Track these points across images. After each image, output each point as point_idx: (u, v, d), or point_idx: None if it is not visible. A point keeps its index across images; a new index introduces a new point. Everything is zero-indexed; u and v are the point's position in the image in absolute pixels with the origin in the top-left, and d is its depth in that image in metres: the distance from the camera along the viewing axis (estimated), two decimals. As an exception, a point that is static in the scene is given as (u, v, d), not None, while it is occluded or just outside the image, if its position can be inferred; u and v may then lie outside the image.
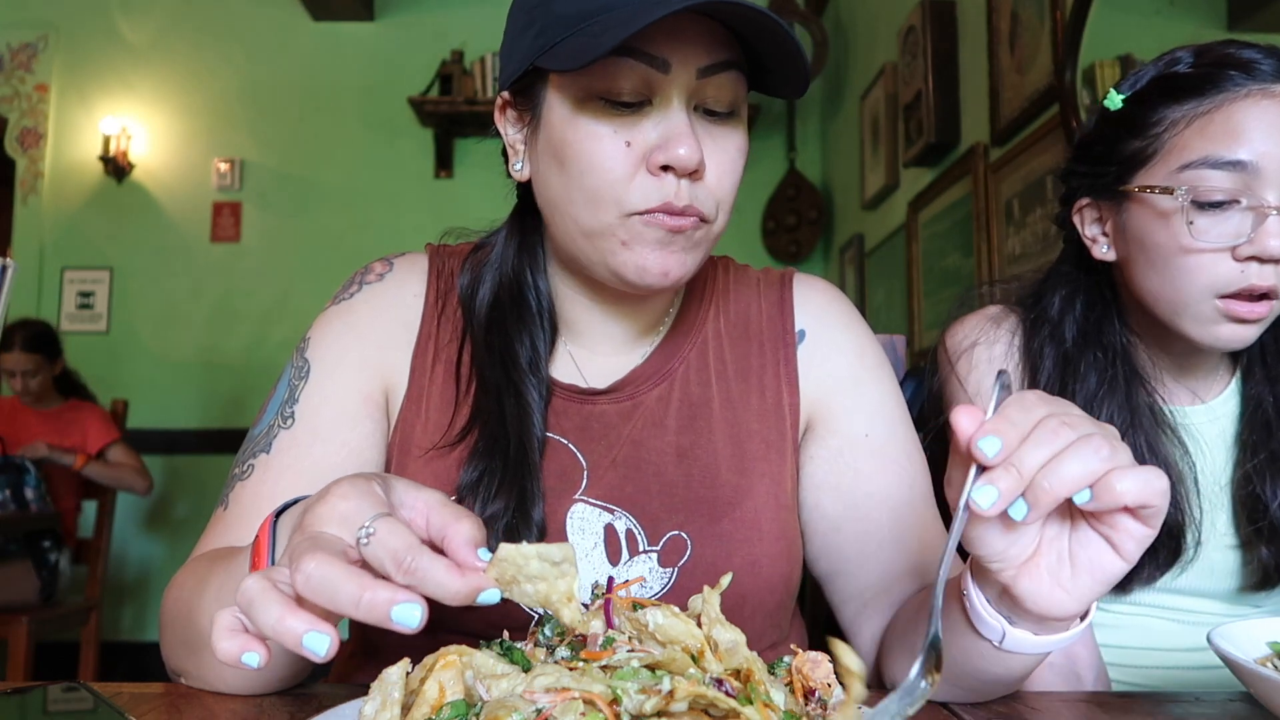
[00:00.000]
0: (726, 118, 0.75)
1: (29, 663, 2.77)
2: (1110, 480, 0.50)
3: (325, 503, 0.50)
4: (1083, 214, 1.00)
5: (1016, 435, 0.50)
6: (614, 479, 0.81)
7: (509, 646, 0.58)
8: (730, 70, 0.73)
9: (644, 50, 0.70)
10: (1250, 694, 0.64)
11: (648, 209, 0.72)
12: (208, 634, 0.59)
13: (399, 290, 0.87)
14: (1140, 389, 0.97)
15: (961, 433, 0.51)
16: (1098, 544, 0.54)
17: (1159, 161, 0.91)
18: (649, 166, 0.71)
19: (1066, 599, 0.55)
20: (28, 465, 3.03)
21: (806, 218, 4.20)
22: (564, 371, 0.85)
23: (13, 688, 0.62)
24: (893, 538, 0.82)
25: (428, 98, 4.19)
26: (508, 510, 0.75)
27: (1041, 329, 1.01)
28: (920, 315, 3.09)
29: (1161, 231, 0.90)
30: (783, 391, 0.86)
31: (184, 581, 0.70)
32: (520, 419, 0.79)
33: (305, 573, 0.44)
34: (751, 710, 0.44)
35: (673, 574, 0.78)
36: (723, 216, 0.76)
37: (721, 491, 0.81)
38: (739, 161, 0.76)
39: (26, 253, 4.24)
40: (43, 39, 4.36)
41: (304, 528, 0.49)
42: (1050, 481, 0.50)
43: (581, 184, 0.73)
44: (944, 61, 2.81)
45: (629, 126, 0.72)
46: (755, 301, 0.91)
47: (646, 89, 0.71)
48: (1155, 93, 0.93)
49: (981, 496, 0.50)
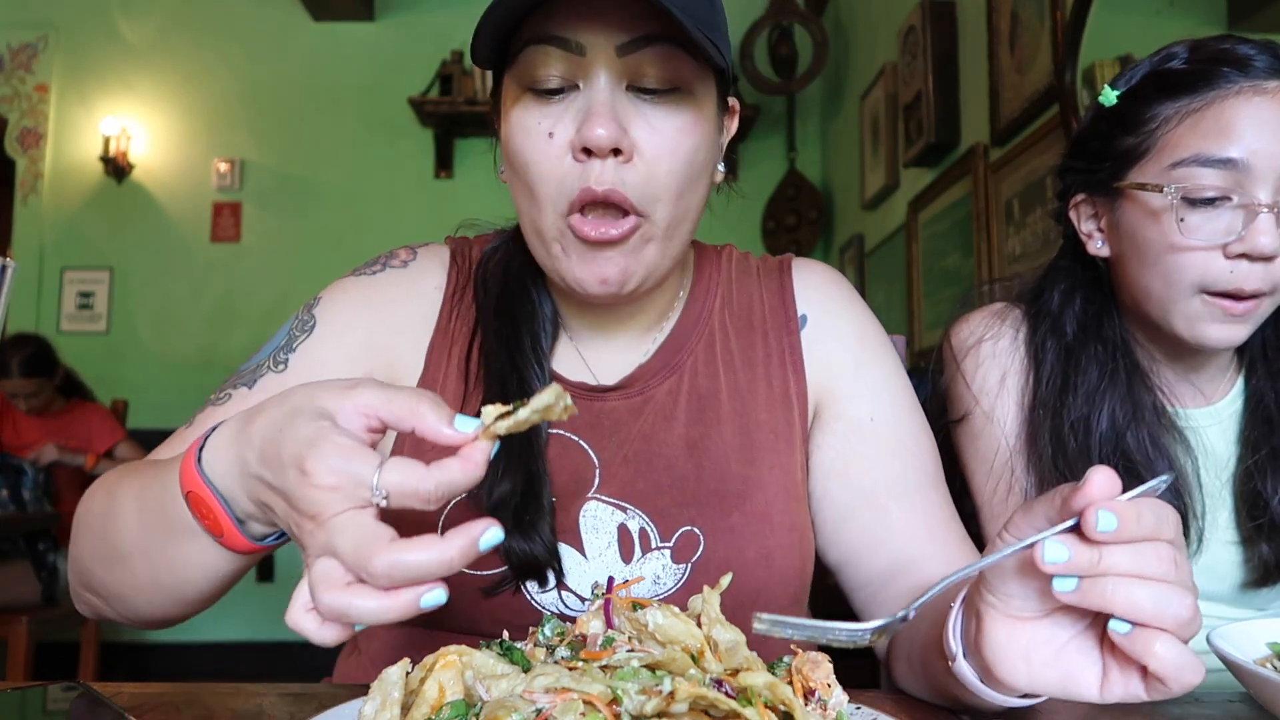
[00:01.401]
0: (664, 95, 0.71)
1: (29, 663, 2.77)
2: (1155, 635, 0.47)
3: (308, 488, 0.47)
4: (1078, 210, 1.00)
5: (1132, 532, 0.47)
6: (626, 475, 0.80)
7: (509, 646, 0.59)
8: (657, 44, 0.70)
9: (555, 34, 0.69)
10: (1250, 694, 0.64)
11: (570, 207, 0.71)
12: (126, 545, 0.62)
13: (421, 281, 0.87)
14: (1141, 384, 0.97)
15: (1089, 489, 0.47)
16: (1091, 665, 0.51)
17: (1151, 158, 0.90)
18: (573, 153, 0.70)
19: (1021, 674, 0.52)
20: (24, 466, 3.03)
21: (806, 218, 4.20)
22: (572, 369, 0.85)
23: (13, 688, 0.62)
24: (902, 524, 0.81)
25: (428, 98, 4.19)
26: (515, 493, 0.75)
27: (1042, 324, 1.01)
28: (920, 315, 3.09)
29: (1152, 228, 0.90)
30: (789, 379, 0.86)
31: (103, 490, 0.68)
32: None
33: (380, 573, 0.44)
34: (752, 711, 0.44)
35: (686, 570, 0.78)
36: (666, 205, 0.73)
37: (732, 484, 0.80)
38: (681, 142, 0.72)
39: (26, 253, 4.24)
40: (43, 39, 4.36)
41: (318, 522, 0.47)
42: (1116, 592, 0.47)
43: (524, 182, 0.73)
44: (944, 61, 2.81)
45: (553, 117, 0.71)
46: (757, 290, 0.90)
47: (569, 75, 0.70)
48: (1149, 89, 0.92)
49: (1053, 550, 0.47)
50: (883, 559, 0.81)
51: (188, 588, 0.63)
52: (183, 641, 4.08)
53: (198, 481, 0.56)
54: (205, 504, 0.56)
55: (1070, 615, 0.52)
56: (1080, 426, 0.95)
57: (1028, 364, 1.01)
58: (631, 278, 0.74)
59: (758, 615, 0.49)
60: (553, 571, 0.76)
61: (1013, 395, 1.00)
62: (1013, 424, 1.00)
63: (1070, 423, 0.95)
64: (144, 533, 0.62)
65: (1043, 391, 0.98)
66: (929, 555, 0.79)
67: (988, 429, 1.01)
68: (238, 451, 0.53)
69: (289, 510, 0.49)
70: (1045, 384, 0.98)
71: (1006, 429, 1.00)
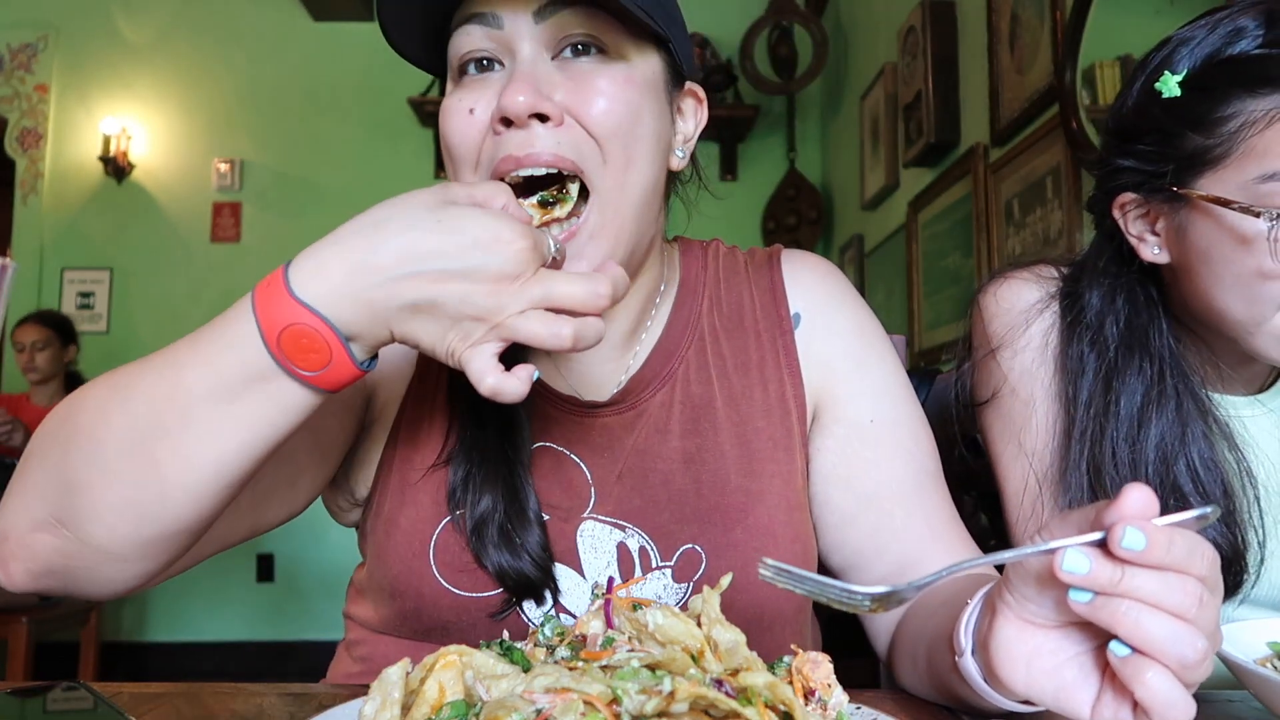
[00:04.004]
0: (589, 57, 0.70)
1: (29, 663, 2.77)
2: (1150, 665, 0.46)
3: (509, 254, 0.55)
4: (1126, 210, 0.88)
5: (1159, 558, 0.45)
6: (622, 493, 0.78)
7: (509, 646, 0.59)
8: (573, 6, 0.68)
9: (476, 11, 0.69)
10: (1250, 694, 0.64)
11: (492, 171, 0.69)
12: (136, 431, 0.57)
13: None
14: (1190, 400, 0.86)
15: (1122, 505, 0.46)
16: (1089, 684, 0.50)
17: (1231, 165, 0.78)
18: (494, 126, 0.69)
19: (1019, 677, 0.51)
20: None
21: (806, 218, 4.20)
22: (562, 384, 0.82)
23: (13, 688, 0.62)
24: (906, 526, 0.80)
25: (428, 98, 4.19)
26: (497, 508, 0.73)
27: (1081, 335, 0.89)
28: (920, 315, 3.08)
29: (1234, 247, 0.78)
30: (785, 383, 0.83)
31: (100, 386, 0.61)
32: (499, 416, 0.77)
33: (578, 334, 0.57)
34: (752, 711, 0.44)
35: (688, 589, 0.76)
36: (608, 169, 0.69)
37: (732, 498, 0.78)
38: (619, 96, 0.69)
39: (26, 253, 4.24)
40: (43, 39, 4.35)
41: (522, 282, 0.56)
42: (1128, 614, 0.46)
43: (452, 162, 0.72)
44: (944, 62, 2.81)
45: (474, 94, 0.70)
46: (746, 288, 0.87)
47: (493, 51, 0.70)
48: (1223, 79, 0.79)
49: (1073, 559, 0.46)
50: (887, 562, 0.80)
51: (203, 484, 0.58)
52: (183, 641, 4.08)
53: (300, 311, 0.54)
54: (309, 335, 0.55)
55: (1083, 632, 0.51)
56: (1124, 455, 0.85)
57: (1060, 337, 0.91)
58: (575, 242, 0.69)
59: (764, 560, 0.49)
60: (548, 590, 0.74)
61: (1049, 385, 0.91)
62: (1046, 416, 0.90)
63: (1113, 450, 0.86)
64: (175, 405, 0.57)
65: (1081, 416, 0.87)
66: (933, 556, 0.78)
67: (1021, 409, 0.92)
68: (358, 261, 0.55)
69: (470, 290, 0.55)
70: (1085, 406, 0.87)
71: (1039, 419, 0.91)
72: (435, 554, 0.75)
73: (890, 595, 0.50)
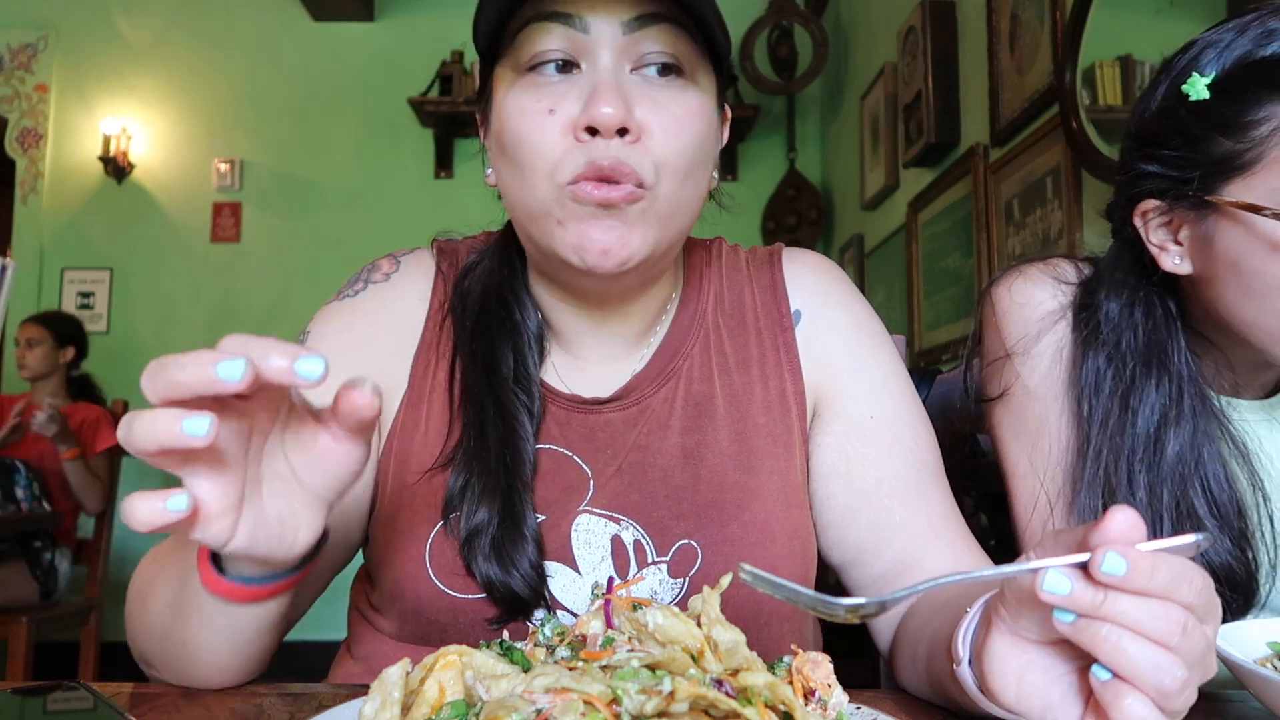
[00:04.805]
0: (670, 76, 0.70)
1: (29, 663, 2.77)
2: (1129, 690, 0.45)
3: None
4: (1147, 218, 0.84)
5: (1142, 584, 0.45)
6: (619, 486, 0.78)
7: (509, 646, 0.59)
8: (661, 23, 0.68)
9: (560, 11, 0.68)
10: (1250, 694, 0.64)
11: (575, 176, 0.68)
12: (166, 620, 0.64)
13: (404, 294, 0.85)
14: (1207, 418, 0.84)
15: (1106, 528, 0.45)
16: (1075, 705, 0.50)
17: (1261, 172, 0.75)
18: (575, 133, 0.68)
19: (1009, 691, 0.51)
20: (18, 465, 3.01)
21: (806, 218, 4.20)
22: (564, 382, 0.82)
23: (13, 688, 0.62)
24: (905, 522, 0.79)
25: (428, 98, 4.19)
26: (492, 522, 0.73)
27: (1096, 351, 0.86)
28: (920, 315, 3.09)
29: (1267, 260, 0.75)
30: (785, 380, 0.83)
31: (149, 559, 0.71)
32: (502, 427, 0.76)
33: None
34: (752, 711, 0.44)
35: (684, 584, 0.76)
36: (669, 183, 0.70)
37: (729, 493, 0.78)
38: (688, 124, 0.70)
39: (26, 253, 4.24)
40: (43, 39, 4.36)
41: None
42: (1108, 639, 0.45)
43: (516, 162, 0.71)
44: (944, 62, 2.81)
45: (554, 95, 0.69)
46: (748, 286, 0.87)
47: (572, 53, 0.69)
48: (1253, 81, 0.76)
49: (1053, 580, 0.46)
50: (887, 558, 0.80)
51: (231, 657, 0.64)
52: (182, 641, 4.07)
53: None
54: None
55: (1074, 651, 0.50)
56: (1140, 476, 0.83)
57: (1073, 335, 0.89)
58: (630, 249, 0.70)
59: (742, 565, 0.48)
60: (541, 605, 0.74)
61: (1062, 398, 0.89)
62: (1059, 430, 0.88)
63: (1129, 470, 0.84)
64: (173, 607, 0.64)
65: (1096, 435, 0.85)
66: (933, 552, 0.78)
67: (1033, 415, 0.90)
68: None
69: None
70: (1101, 425, 0.85)
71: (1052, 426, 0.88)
72: (431, 557, 0.75)
73: (865, 605, 0.49)
